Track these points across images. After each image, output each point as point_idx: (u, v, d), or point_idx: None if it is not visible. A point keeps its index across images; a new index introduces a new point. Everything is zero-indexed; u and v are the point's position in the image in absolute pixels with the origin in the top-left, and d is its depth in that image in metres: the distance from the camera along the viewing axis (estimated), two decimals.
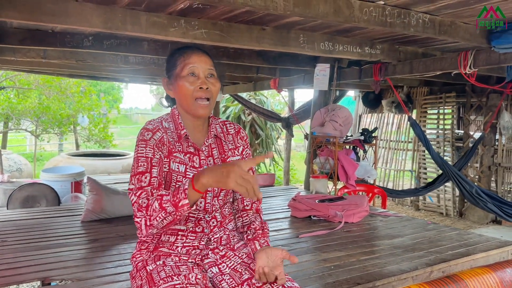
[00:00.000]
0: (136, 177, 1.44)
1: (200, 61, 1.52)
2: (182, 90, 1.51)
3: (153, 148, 1.48)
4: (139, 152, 1.47)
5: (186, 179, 1.45)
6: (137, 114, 27.76)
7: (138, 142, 1.50)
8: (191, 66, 1.51)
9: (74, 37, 3.52)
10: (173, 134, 1.55)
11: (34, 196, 3.96)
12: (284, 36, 3.27)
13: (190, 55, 1.53)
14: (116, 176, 6.32)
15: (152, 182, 1.43)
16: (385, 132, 7.85)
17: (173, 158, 1.50)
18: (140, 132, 1.51)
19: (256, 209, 1.69)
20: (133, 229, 2.83)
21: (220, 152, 1.61)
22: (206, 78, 1.52)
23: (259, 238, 1.59)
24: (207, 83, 1.51)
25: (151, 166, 1.45)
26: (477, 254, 2.44)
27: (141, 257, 1.54)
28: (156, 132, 1.51)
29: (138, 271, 1.51)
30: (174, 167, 1.49)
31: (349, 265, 2.19)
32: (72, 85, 10.08)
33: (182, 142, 1.54)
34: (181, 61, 1.53)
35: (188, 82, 1.50)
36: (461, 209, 6.36)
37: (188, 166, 1.52)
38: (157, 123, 1.55)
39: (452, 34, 2.93)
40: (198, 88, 1.50)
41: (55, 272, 2.11)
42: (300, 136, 6.96)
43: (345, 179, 4.30)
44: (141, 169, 1.45)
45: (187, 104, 1.52)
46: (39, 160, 11.81)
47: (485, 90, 5.82)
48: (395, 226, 3.09)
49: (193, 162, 1.54)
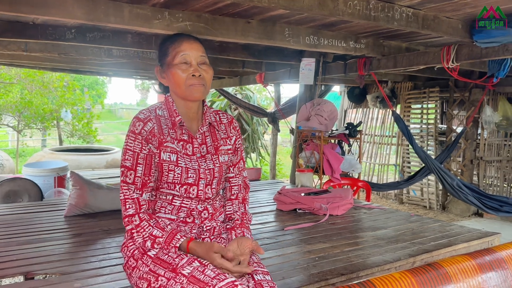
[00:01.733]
0: (122, 169, 1.51)
1: (192, 48, 1.52)
2: (175, 78, 1.51)
3: (141, 143, 1.49)
4: (128, 145, 1.50)
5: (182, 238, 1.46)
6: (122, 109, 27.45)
7: (129, 133, 1.51)
8: (183, 54, 1.51)
9: (56, 29, 3.46)
10: (167, 121, 1.56)
11: (16, 191, 3.90)
12: (269, 29, 3.26)
13: (181, 43, 1.53)
14: (100, 171, 6.25)
15: (135, 181, 1.49)
16: (369, 127, 7.93)
17: (163, 149, 1.51)
18: (132, 122, 1.52)
19: (242, 199, 1.72)
20: (118, 224, 2.81)
21: (213, 140, 1.63)
22: (199, 65, 1.52)
23: (236, 228, 1.64)
24: (199, 70, 1.51)
25: (136, 163, 1.49)
26: (459, 245, 2.49)
27: (134, 245, 1.52)
28: (148, 122, 1.51)
29: (138, 259, 1.48)
30: (165, 157, 1.51)
31: (333, 257, 2.22)
32: (55, 80, 9.91)
33: (176, 129, 1.55)
34: (172, 49, 1.53)
35: (181, 70, 1.50)
36: (444, 202, 6.46)
37: (180, 154, 1.53)
38: (150, 111, 1.55)
39: (435, 28, 2.96)
40: (191, 75, 1.50)
41: (38, 266, 2.08)
42: (286, 131, 6.99)
43: (330, 173, 4.33)
44: (127, 164, 1.50)
45: (181, 91, 1.52)
46: (21, 156, 11.61)
47: (467, 85, 5.91)
48: (379, 218, 3.13)
49: (186, 149, 1.56)
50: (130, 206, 1.47)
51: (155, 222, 1.48)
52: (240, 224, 1.65)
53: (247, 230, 1.65)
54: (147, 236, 1.46)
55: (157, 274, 1.39)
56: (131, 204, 1.47)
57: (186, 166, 1.52)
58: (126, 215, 1.48)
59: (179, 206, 1.56)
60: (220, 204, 1.69)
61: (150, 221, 1.47)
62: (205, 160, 1.57)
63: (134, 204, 1.48)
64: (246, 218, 1.68)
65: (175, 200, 1.56)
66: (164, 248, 1.45)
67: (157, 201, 1.57)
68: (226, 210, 1.70)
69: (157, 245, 1.46)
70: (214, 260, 1.38)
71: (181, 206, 1.56)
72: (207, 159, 1.58)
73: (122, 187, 1.49)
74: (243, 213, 1.69)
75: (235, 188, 1.71)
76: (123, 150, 1.51)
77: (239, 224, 1.65)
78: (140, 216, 1.47)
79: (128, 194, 1.48)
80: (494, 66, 3.55)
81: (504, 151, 6.72)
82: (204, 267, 1.35)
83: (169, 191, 1.55)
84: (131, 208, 1.47)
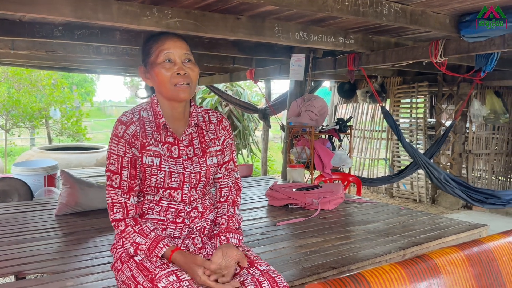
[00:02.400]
0: (108, 173, 1.48)
1: (175, 47, 1.48)
2: (159, 78, 1.47)
3: (125, 146, 1.46)
4: (112, 148, 1.48)
5: (166, 247, 1.43)
6: (111, 106, 27.24)
7: (112, 136, 1.48)
8: (166, 52, 1.46)
9: (44, 27, 3.43)
10: (152, 123, 1.52)
11: (6, 190, 3.86)
12: (259, 25, 3.26)
13: (164, 41, 1.48)
14: (90, 169, 6.21)
15: (122, 185, 1.47)
16: (359, 122, 7.98)
17: (146, 153, 1.48)
18: (115, 125, 1.49)
19: (233, 201, 1.67)
20: (109, 222, 2.77)
21: (200, 142, 1.58)
22: (183, 63, 1.48)
23: (221, 233, 1.57)
24: (184, 69, 1.47)
25: (121, 167, 1.46)
26: (448, 237, 2.53)
27: (122, 247, 1.52)
28: (130, 125, 1.47)
29: (124, 262, 1.49)
30: (147, 161, 1.48)
31: (325, 250, 2.24)
32: (43, 78, 9.80)
33: (161, 131, 1.51)
34: (155, 48, 1.49)
35: (164, 69, 1.45)
36: (434, 196, 6.54)
37: (165, 157, 1.50)
38: (133, 113, 1.51)
39: (423, 23, 2.99)
40: (176, 74, 1.45)
41: (30, 266, 2.07)
42: (277, 127, 6.99)
43: (321, 168, 4.35)
44: (112, 168, 1.47)
45: (166, 91, 1.48)
46: (9, 155, 11.47)
47: (456, 79, 5.97)
48: (370, 212, 3.16)
49: (171, 152, 1.52)
50: (118, 210, 1.46)
51: (139, 228, 1.45)
52: (225, 228, 1.58)
53: (234, 233, 1.58)
54: (131, 243, 1.45)
55: (136, 282, 1.39)
56: (118, 208, 1.46)
57: (170, 170, 1.49)
58: (113, 219, 1.47)
59: (166, 207, 1.54)
60: (211, 203, 1.67)
61: (135, 227, 1.45)
62: (191, 163, 1.53)
63: (122, 208, 1.46)
64: (232, 221, 1.62)
65: (162, 201, 1.54)
66: (147, 255, 1.43)
67: (144, 202, 1.55)
68: (216, 212, 1.66)
69: (140, 251, 1.44)
70: (196, 275, 1.34)
71: (168, 207, 1.54)
72: (193, 162, 1.54)
73: (109, 191, 1.47)
74: (231, 216, 1.63)
75: (225, 190, 1.66)
76: (107, 154, 1.48)
77: (224, 229, 1.58)
78: (126, 222, 1.46)
79: (116, 199, 1.46)
80: (482, 60, 3.60)
81: (492, 144, 6.82)
82: (180, 283, 1.31)
83: (154, 194, 1.53)
84: (118, 212, 1.46)
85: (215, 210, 1.67)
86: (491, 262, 1.33)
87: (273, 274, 1.41)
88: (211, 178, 1.61)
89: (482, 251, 1.35)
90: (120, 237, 1.48)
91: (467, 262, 1.27)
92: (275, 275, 1.41)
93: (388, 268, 1.16)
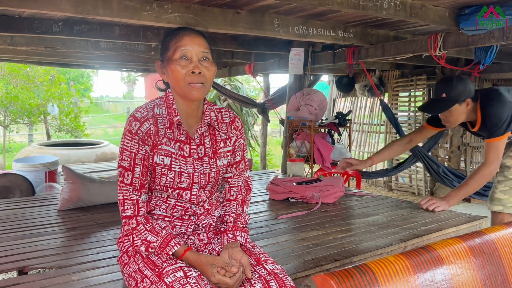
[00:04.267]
0: (120, 169, 1.47)
1: (193, 43, 1.45)
2: (174, 75, 1.45)
3: (138, 143, 1.45)
4: (125, 144, 1.46)
5: (178, 246, 1.43)
6: (109, 102, 27.17)
7: (125, 131, 1.46)
8: (183, 49, 1.44)
9: (43, 22, 3.42)
10: (165, 120, 1.50)
11: (7, 186, 3.86)
12: (258, 20, 3.27)
13: (182, 37, 1.45)
14: (90, 165, 6.21)
15: (134, 182, 1.46)
16: (358, 116, 8.00)
17: (157, 152, 1.47)
18: (128, 121, 1.47)
19: (242, 200, 1.67)
20: (112, 217, 2.81)
21: (212, 142, 1.57)
22: (200, 61, 1.45)
23: (228, 232, 1.58)
24: (199, 67, 1.44)
25: (134, 163, 1.45)
26: (448, 229, 2.55)
27: (129, 242, 1.52)
28: (144, 122, 1.46)
29: (131, 256, 1.50)
30: (158, 160, 1.47)
31: (326, 243, 2.26)
32: (41, 74, 9.79)
33: (174, 129, 1.50)
34: (173, 44, 1.46)
35: (180, 66, 1.43)
36: (432, 189, 6.58)
37: (176, 156, 1.49)
38: (147, 110, 1.49)
39: (423, 16, 3.00)
40: (190, 72, 1.43)
41: (33, 261, 2.08)
42: (276, 122, 7.01)
43: (321, 162, 4.37)
44: (125, 164, 1.46)
45: (179, 88, 1.46)
46: (8, 151, 11.46)
47: (454, 72, 5.98)
48: (370, 205, 3.19)
49: (183, 151, 1.51)
50: (129, 207, 1.46)
51: (150, 227, 1.46)
52: (232, 226, 1.59)
53: (241, 231, 1.59)
54: (142, 241, 1.45)
55: (143, 275, 1.39)
56: (129, 205, 1.46)
57: (180, 170, 1.49)
58: (124, 216, 1.47)
59: (173, 205, 1.55)
60: (217, 200, 1.67)
61: (147, 225, 1.46)
62: (201, 163, 1.53)
63: (133, 205, 1.46)
64: (240, 220, 1.62)
65: (170, 199, 1.55)
66: (158, 253, 1.44)
67: (152, 199, 1.56)
68: (225, 210, 1.66)
69: (151, 249, 1.45)
70: (211, 274, 1.35)
71: (175, 205, 1.55)
72: (204, 162, 1.54)
73: (121, 187, 1.47)
74: (239, 214, 1.63)
75: (234, 189, 1.66)
76: (119, 150, 1.48)
77: (232, 227, 1.59)
78: (138, 220, 1.46)
79: (128, 195, 1.46)
80: (481, 53, 3.61)
81: None
82: (186, 280, 1.31)
83: (162, 192, 1.54)
84: (129, 209, 1.46)
85: (223, 208, 1.68)
86: (493, 252, 1.35)
87: (280, 274, 1.41)
88: (220, 179, 1.61)
89: (484, 242, 1.37)
90: (130, 233, 1.48)
91: (469, 253, 1.29)
92: (282, 275, 1.41)
93: (393, 259, 1.18)
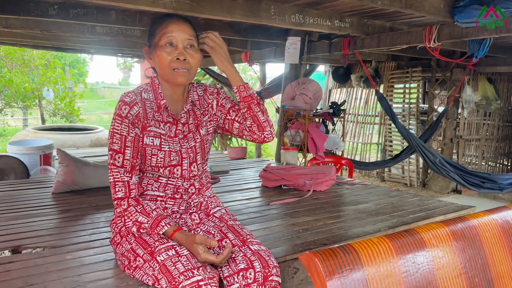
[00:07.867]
0: (110, 152, 1.50)
1: (179, 30, 1.48)
2: (159, 60, 1.49)
3: (128, 126, 1.49)
4: (115, 128, 1.49)
5: (168, 226, 1.46)
6: (104, 88, 27.02)
7: (115, 116, 1.50)
8: (169, 36, 1.47)
9: (39, 5, 3.41)
10: (153, 104, 1.55)
11: (2, 169, 3.88)
12: (255, 7, 3.27)
13: (168, 24, 1.49)
14: (85, 150, 6.22)
15: (125, 164, 1.49)
16: (353, 107, 8.03)
17: (146, 133, 1.52)
18: (118, 105, 1.51)
19: None
20: (106, 200, 2.84)
21: (194, 118, 1.64)
22: (185, 48, 1.49)
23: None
24: (184, 54, 1.48)
25: (124, 146, 1.49)
26: (436, 217, 2.60)
27: (122, 223, 1.56)
28: (134, 106, 1.50)
29: (124, 236, 1.54)
30: (148, 141, 1.52)
31: (316, 228, 2.31)
32: (36, 58, 9.71)
33: (162, 112, 1.55)
34: (159, 30, 1.49)
35: (165, 52, 1.47)
36: (424, 180, 6.65)
37: (165, 137, 1.55)
38: (136, 95, 1.53)
39: (418, 7, 3.02)
40: (175, 58, 1.47)
41: (28, 241, 2.11)
42: (272, 111, 7.04)
43: (315, 151, 4.42)
44: (115, 147, 1.49)
45: (165, 74, 1.51)
46: (2, 135, 11.42)
47: (449, 65, 6.02)
48: (360, 193, 3.24)
49: (171, 131, 1.57)
50: (120, 189, 1.49)
51: (141, 208, 1.49)
52: None
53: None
54: (133, 222, 1.49)
55: (136, 254, 1.43)
56: (120, 187, 1.49)
57: (169, 149, 1.54)
58: (115, 197, 1.50)
59: (165, 184, 1.59)
60: (207, 180, 1.73)
61: (137, 207, 1.49)
62: (187, 140, 1.59)
63: (124, 187, 1.49)
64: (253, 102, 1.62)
65: (161, 178, 1.59)
66: (149, 233, 1.48)
67: (143, 179, 1.59)
68: None
69: (143, 229, 1.48)
70: (197, 253, 1.38)
71: (167, 183, 1.59)
72: (188, 139, 1.60)
73: (111, 170, 1.49)
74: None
75: (255, 130, 1.66)
76: (110, 133, 1.51)
77: None
78: (129, 201, 1.49)
79: (119, 177, 1.49)
80: (474, 46, 3.64)
81: (483, 130, 6.92)
82: (178, 258, 1.34)
83: (154, 172, 1.58)
84: (120, 191, 1.49)
85: (211, 188, 1.73)
86: (475, 237, 1.39)
87: (263, 254, 1.45)
88: (206, 148, 1.66)
89: (466, 227, 1.41)
90: (121, 215, 1.52)
91: (451, 237, 1.34)
92: (265, 255, 1.45)
93: (376, 240, 1.22)
